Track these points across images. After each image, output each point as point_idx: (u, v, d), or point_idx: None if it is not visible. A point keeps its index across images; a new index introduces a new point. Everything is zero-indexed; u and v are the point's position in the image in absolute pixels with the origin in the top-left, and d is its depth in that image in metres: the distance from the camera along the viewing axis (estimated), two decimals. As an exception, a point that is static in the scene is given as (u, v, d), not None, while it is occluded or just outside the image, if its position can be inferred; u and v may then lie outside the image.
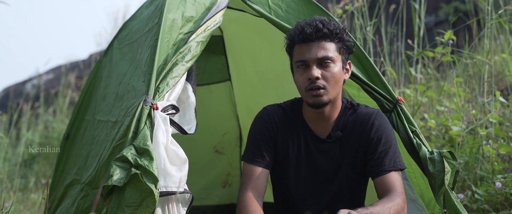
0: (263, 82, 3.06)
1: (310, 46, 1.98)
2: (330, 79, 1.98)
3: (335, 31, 1.98)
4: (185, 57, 1.98)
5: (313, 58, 1.97)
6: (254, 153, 2.08)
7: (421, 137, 2.10)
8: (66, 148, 2.80)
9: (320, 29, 1.96)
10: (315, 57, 1.97)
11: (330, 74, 1.97)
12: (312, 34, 1.96)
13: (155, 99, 1.88)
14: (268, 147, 2.10)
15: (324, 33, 1.96)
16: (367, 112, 2.10)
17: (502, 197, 2.66)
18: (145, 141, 1.76)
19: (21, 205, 4.26)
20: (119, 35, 2.69)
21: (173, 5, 2.09)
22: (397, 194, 1.93)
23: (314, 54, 1.97)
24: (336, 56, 1.99)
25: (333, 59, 1.98)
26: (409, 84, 4.05)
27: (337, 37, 1.99)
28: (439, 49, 3.42)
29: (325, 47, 1.98)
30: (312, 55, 1.97)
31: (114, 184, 1.69)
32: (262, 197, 2.04)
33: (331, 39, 1.98)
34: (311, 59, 1.97)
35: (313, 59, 1.97)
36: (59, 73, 8.87)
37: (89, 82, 2.84)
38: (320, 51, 1.97)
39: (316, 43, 1.97)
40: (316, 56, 1.97)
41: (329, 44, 1.98)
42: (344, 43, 2.02)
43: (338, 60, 2.00)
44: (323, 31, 1.96)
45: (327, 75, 1.97)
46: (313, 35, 1.96)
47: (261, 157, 2.08)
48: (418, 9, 4.02)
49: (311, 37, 1.97)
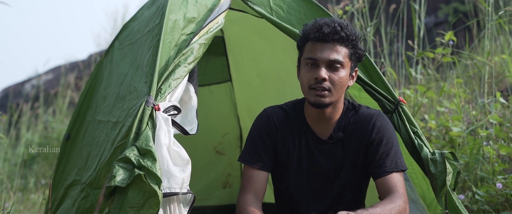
0: (263, 83, 3.06)
1: (324, 46, 1.97)
2: (337, 83, 1.98)
3: (352, 37, 1.98)
4: (188, 59, 1.99)
5: (324, 59, 1.96)
6: (251, 155, 2.09)
7: (423, 137, 2.10)
8: (66, 148, 2.80)
9: (338, 31, 1.96)
10: (326, 58, 1.96)
11: (337, 78, 1.97)
12: (329, 35, 1.96)
13: (157, 100, 1.88)
14: (266, 149, 2.10)
15: (341, 36, 1.96)
16: (368, 113, 2.10)
17: (503, 198, 2.66)
18: (148, 142, 1.76)
19: (21, 205, 4.25)
20: (119, 36, 2.69)
21: (175, 6, 2.09)
22: (398, 195, 1.94)
23: (326, 55, 1.96)
24: (346, 62, 1.99)
25: (343, 64, 1.98)
26: (409, 85, 4.05)
27: (352, 44, 1.99)
28: (439, 50, 3.42)
29: (338, 51, 1.97)
30: (324, 56, 1.96)
31: (117, 184, 1.69)
32: (261, 199, 2.05)
33: (346, 44, 1.98)
34: (321, 60, 1.97)
35: (324, 60, 1.97)
36: (59, 73, 8.85)
37: (89, 83, 2.84)
38: (333, 54, 1.96)
39: (330, 45, 1.97)
40: (328, 57, 1.96)
41: (342, 48, 1.98)
42: (357, 50, 2.01)
43: (347, 66, 2.00)
44: (340, 34, 1.96)
45: (334, 78, 1.97)
46: (329, 36, 1.96)
47: (258, 159, 2.08)
48: (418, 10, 4.03)
49: (327, 37, 1.96)
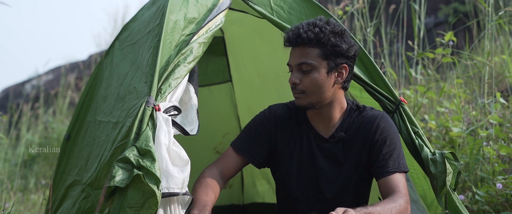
0: (264, 83, 3.06)
1: (294, 50, 2.02)
2: (309, 85, 1.99)
3: (317, 36, 1.96)
4: (187, 59, 1.98)
5: (294, 63, 2.01)
6: (242, 144, 2.12)
7: (423, 137, 2.10)
8: (67, 148, 2.80)
9: (300, 34, 1.97)
10: (295, 62, 2.00)
11: (309, 80, 1.99)
12: (292, 40, 1.99)
13: (157, 101, 1.88)
14: (259, 143, 2.12)
15: (303, 38, 1.96)
16: (372, 114, 2.10)
17: (503, 198, 2.66)
18: (147, 142, 1.76)
19: (21, 205, 4.25)
20: (120, 36, 2.69)
21: (175, 7, 2.09)
22: (400, 195, 1.94)
23: (295, 59, 2.01)
24: (317, 62, 1.98)
25: (313, 65, 1.98)
26: (409, 86, 4.05)
27: (320, 43, 1.97)
28: (439, 51, 3.42)
29: (307, 53, 1.98)
30: (292, 61, 2.02)
31: (116, 185, 1.69)
32: (225, 178, 2.08)
33: (313, 44, 1.97)
34: (292, 64, 2.02)
35: (294, 65, 2.01)
36: (59, 74, 8.85)
37: (90, 84, 2.84)
38: (301, 57, 1.99)
39: (299, 48, 2.00)
40: (296, 62, 2.00)
41: (312, 49, 1.98)
42: (330, 48, 1.98)
43: (321, 66, 1.98)
44: (302, 37, 1.96)
45: (306, 81, 2.00)
46: (293, 41, 1.99)
47: (246, 149, 2.11)
48: (418, 10, 4.03)
49: (292, 42, 2.00)
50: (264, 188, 3.23)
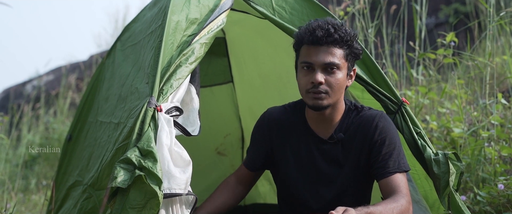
0: (265, 84, 3.06)
1: (318, 49, 1.95)
2: (334, 85, 1.96)
3: (346, 38, 1.95)
4: (189, 59, 1.98)
5: (319, 62, 1.95)
6: (247, 155, 2.25)
7: (426, 138, 2.10)
8: (68, 149, 2.80)
9: (331, 34, 1.93)
10: (321, 62, 1.94)
11: (334, 80, 1.96)
12: (322, 39, 1.93)
13: (159, 101, 1.88)
14: (257, 150, 2.21)
15: (334, 38, 1.94)
16: (370, 114, 2.09)
17: (504, 199, 2.66)
18: (149, 143, 1.76)
19: (23, 206, 4.26)
20: (121, 37, 2.69)
21: (177, 7, 2.09)
22: (402, 195, 1.93)
23: (321, 59, 1.94)
24: (342, 63, 1.97)
25: (339, 66, 1.96)
26: (411, 86, 4.05)
27: (347, 44, 1.97)
28: (440, 51, 3.42)
29: (333, 53, 1.95)
30: (318, 60, 1.95)
31: (118, 185, 1.69)
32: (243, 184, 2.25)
33: (341, 45, 1.96)
34: (317, 63, 1.95)
35: (319, 64, 1.95)
36: (59, 74, 8.86)
37: (91, 84, 2.84)
38: (328, 57, 1.94)
39: (324, 48, 1.95)
40: (323, 61, 1.94)
41: (337, 50, 1.96)
42: (353, 50, 1.99)
43: (344, 67, 1.98)
44: (334, 37, 1.93)
45: (331, 81, 1.96)
46: (323, 40, 1.93)
47: (250, 160, 2.23)
48: (419, 11, 4.03)
49: (320, 41, 1.94)
50: (265, 188, 3.23)
